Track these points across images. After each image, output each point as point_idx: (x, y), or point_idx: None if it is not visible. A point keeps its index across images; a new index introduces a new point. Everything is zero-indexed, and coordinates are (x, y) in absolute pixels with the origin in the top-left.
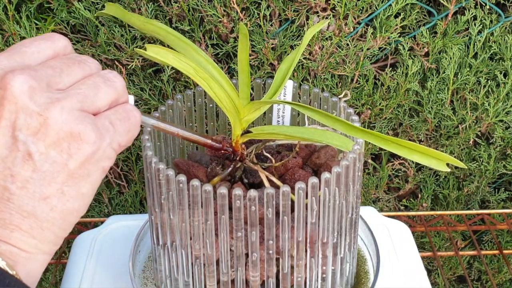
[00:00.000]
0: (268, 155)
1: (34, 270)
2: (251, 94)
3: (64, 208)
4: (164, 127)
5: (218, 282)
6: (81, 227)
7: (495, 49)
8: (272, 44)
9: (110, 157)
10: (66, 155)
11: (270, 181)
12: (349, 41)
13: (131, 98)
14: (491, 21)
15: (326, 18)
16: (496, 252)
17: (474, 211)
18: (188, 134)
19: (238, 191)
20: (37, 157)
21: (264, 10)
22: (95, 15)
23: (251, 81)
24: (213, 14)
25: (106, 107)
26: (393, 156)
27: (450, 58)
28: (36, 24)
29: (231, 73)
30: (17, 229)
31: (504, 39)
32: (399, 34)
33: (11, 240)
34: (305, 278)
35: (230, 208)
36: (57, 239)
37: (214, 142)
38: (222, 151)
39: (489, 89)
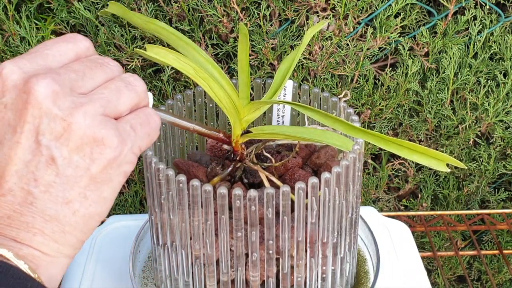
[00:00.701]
0: (268, 155)
1: (55, 273)
2: (251, 94)
3: (86, 212)
4: (179, 123)
5: (218, 282)
6: None
7: (495, 49)
8: (272, 44)
9: (131, 162)
10: (89, 160)
11: (270, 181)
12: (349, 41)
13: (150, 96)
14: (491, 21)
15: (326, 18)
16: (496, 252)
17: (474, 211)
18: (202, 129)
19: (238, 191)
20: (60, 162)
21: (264, 10)
22: (98, 13)
23: (251, 81)
24: (213, 14)
25: (128, 111)
26: (393, 156)
27: (450, 58)
28: (36, 24)
29: (231, 73)
30: (39, 233)
31: (504, 39)
32: (399, 34)
33: (33, 244)
34: (305, 278)
35: (230, 208)
36: (78, 243)
37: (224, 136)
38: (230, 144)
39: (489, 89)
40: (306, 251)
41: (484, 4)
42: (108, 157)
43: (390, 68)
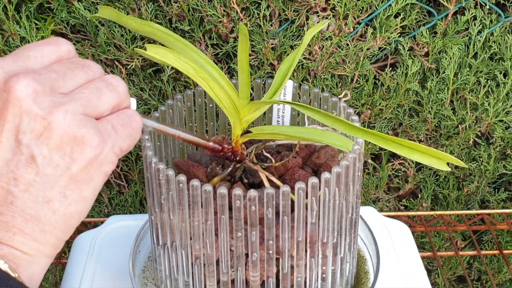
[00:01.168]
0: (268, 155)
1: (36, 273)
2: (251, 94)
3: (66, 211)
4: (164, 129)
5: (218, 282)
6: (81, 227)
7: (495, 49)
8: (272, 44)
9: (112, 162)
10: (69, 159)
11: (270, 181)
12: (349, 41)
13: (133, 101)
14: (491, 21)
15: (326, 18)
16: (496, 252)
17: (474, 211)
18: (189, 137)
19: (238, 191)
20: (40, 161)
21: (264, 10)
22: (88, 18)
23: (251, 81)
24: (213, 14)
25: (109, 111)
26: (393, 156)
27: (450, 58)
28: (36, 24)
29: (231, 73)
30: (19, 232)
31: (504, 39)
32: (399, 34)
33: (13, 243)
34: (305, 278)
35: (230, 208)
36: (59, 242)
37: (214, 144)
38: (222, 153)
39: (489, 89)
40: (306, 251)
41: (484, 4)
42: (88, 156)
43: (390, 68)
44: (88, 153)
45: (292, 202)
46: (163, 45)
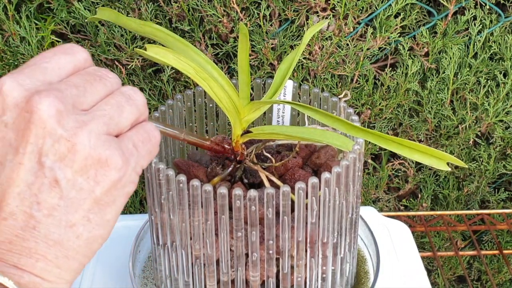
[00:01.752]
0: (268, 155)
1: None
2: (251, 94)
3: (89, 235)
4: (167, 131)
5: (218, 282)
6: None
7: (495, 49)
8: (272, 44)
9: (134, 182)
10: (93, 182)
11: (270, 181)
12: (349, 41)
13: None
14: (491, 21)
15: (326, 18)
16: (496, 252)
17: (474, 211)
18: (191, 138)
19: (238, 191)
20: (64, 184)
21: (264, 10)
22: (86, 20)
23: (251, 81)
24: (213, 14)
25: (129, 127)
26: (393, 156)
27: (450, 58)
28: (36, 24)
29: (231, 73)
30: (42, 259)
31: (504, 39)
32: (399, 34)
33: (35, 270)
34: (305, 278)
35: (230, 208)
36: (80, 267)
37: (216, 145)
38: (224, 153)
39: (489, 89)
40: (306, 251)
41: (484, 4)
42: (113, 179)
43: (390, 68)
44: (112, 175)
45: (292, 202)
46: (163, 45)
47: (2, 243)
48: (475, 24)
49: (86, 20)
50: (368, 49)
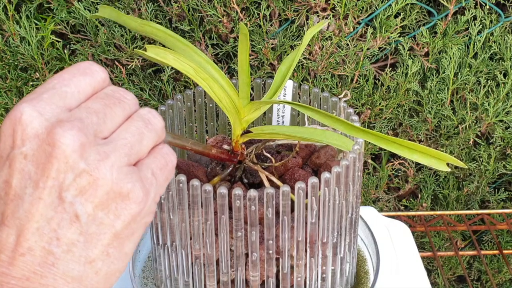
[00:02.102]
0: (268, 155)
1: None
2: (251, 94)
3: (108, 270)
4: (178, 142)
5: (218, 282)
6: None
7: (495, 49)
8: (272, 44)
9: (153, 212)
10: (113, 216)
11: (270, 181)
12: (349, 41)
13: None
14: (491, 21)
15: (326, 18)
16: (496, 252)
17: (474, 211)
18: (199, 149)
19: (238, 191)
20: (84, 219)
21: (264, 10)
22: (88, 17)
23: (251, 81)
24: (213, 14)
25: (147, 153)
26: (393, 156)
27: (450, 58)
28: (36, 24)
29: (231, 73)
30: None
31: (504, 39)
32: (399, 34)
33: None
34: (305, 278)
35: (230, 208)
36: None
37: (222, 155)
38: (229, 161)
39: (489, 89)
40: (306, 251)
41: (484, 4)
42: (133, 212)
43: (390, 68)
44: (133, 209)
45: (292, 202)
46: (163, 45)
47: (19, 279)
48: (475, 24)
49: (88, 18)
50: (368, 49)
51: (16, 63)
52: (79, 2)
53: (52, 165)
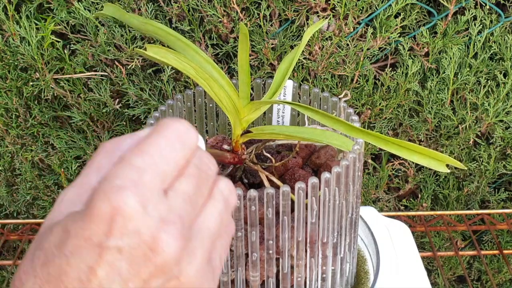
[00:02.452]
0: (268, 155)
1: None
2: (251, 94)
3: None
4: None
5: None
6: None
7: (495, 49)
8: (272, 44)
9: None
10: None
11: (270, 181)
12: (349, 41)
13: (201, 140)
14: (491, 21)
15: (326, 18)
16: (496, 252)
17: (474, 211)
18: (214, 154)
19: (238, 191)
20: None
21: (264, 10)
22: (93, 15)
23: (251, 81)
24: (213, 14)
25: None
26: (393, 156)
27: (450, 58)
28: (36, 24)
29: (231, 73)
30: None
31: (504, 39)
32: (399, 34)
33: None
34: (305, 278)
35: None
36: None
37: (234, 160)
38: (239, 163)
39: (489, 89)
40: (306, 251)
41: (484, 4)
42: None
43: (390, 68)
44: None
45: (292, 202)
46: (163, 45)
47: None
48: (475, 24)
49: (92, 16)
50: (368, 49)
51: (16, 63)
52: (79, 2)
53: (148, 268)
